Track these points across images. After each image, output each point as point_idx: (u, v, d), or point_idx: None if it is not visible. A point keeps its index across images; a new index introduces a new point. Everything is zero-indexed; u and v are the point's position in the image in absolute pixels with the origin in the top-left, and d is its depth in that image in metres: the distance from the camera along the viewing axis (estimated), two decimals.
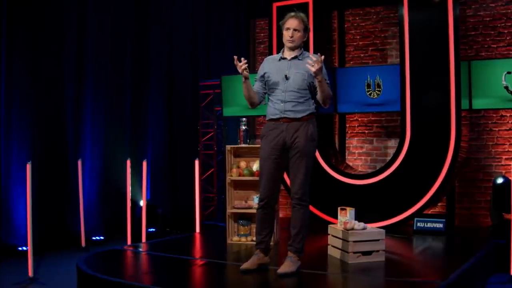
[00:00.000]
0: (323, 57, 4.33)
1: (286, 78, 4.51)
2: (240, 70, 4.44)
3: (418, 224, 6.69)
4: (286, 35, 4.54)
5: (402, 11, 6.86)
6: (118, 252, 5.72)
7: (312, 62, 4.30)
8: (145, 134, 9.46)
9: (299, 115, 4.48)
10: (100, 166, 8.49)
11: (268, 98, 4.65)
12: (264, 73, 4.64)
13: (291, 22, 4.53)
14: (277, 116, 4.52)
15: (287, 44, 4.56)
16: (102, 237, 8.35)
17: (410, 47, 6.82)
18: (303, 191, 4.50)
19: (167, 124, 9.76)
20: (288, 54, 4.61)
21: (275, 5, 7.67)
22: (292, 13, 4.57)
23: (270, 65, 4.65)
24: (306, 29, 4.59)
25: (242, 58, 4.47)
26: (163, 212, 9.07)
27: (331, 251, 5.33)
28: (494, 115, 7.29)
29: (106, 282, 4.48)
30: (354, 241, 4.96)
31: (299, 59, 4.57)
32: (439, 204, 7.29)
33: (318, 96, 4.52)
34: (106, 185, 8.50)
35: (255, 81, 4.71)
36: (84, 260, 5.12)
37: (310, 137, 4.49)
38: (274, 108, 4.55)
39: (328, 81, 4.51)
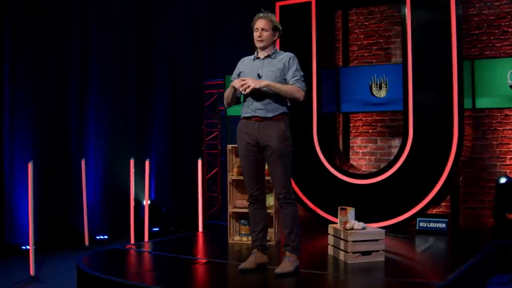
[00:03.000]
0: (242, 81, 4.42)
1: (259, 76, 4.54)
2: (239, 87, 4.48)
3: (421, 224, 6.65)
4: (255, 35, 4.59)
5: (404, 10, 6.83)
6: (119, 251, 5.73)
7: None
8: (149, 133, 9.47)
9: (270, 114, 4.50)
10: (104, 166, 8.51)
11: (243, 98, 4.68)
12: (239, 73, 4.69)
13: (259, 22, 4.58)
14: (249, 115, 4.56)
15: (257, 44, 4.61)
16: (106, 236, 8.37)
17: (412, 46, 6.79)
18: (286, 190, 4.52)
19: (171, 124, 9.75)
20: (261, 54, 4.65)
21: (278, 4, 7.68)
22: (260, 14, 4.62)
23: (245, 65, 4.71)
24: (275, 29, 4.61)
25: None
26: (167, 211, 9.08)
27: (331, 251, 5.32)
28: (499, 114, 7.25)
29: (105, 281, 4.48)
30: (353, 241, 4.95)
31: (272, 58, 4.61)
32: (444, 204, 7.25)
33: None
34: (110, 184, 8.51)
35: (232, 80, 4.71)
36: (84, 259, 5.13)
37: (282, 136, 4.49)
38: (247, 106, 4.59)
39: (297, 75, 4.52)
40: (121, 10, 8.89)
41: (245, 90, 4.41)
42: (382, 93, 7.46)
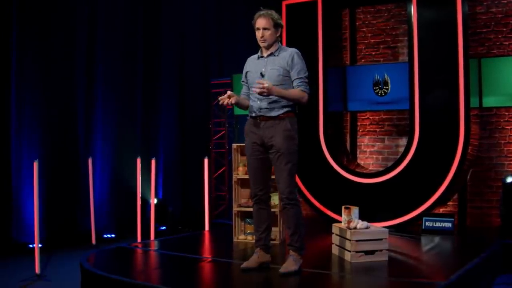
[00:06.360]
0: (263, 84, 4.29)
1: (262, 75, 4.52)
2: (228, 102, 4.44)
3: (427, 223, 6.61)
4: (258, 35, 4.54)
5: (410, 8, 6.79)
6: (124, 249, 5.74)
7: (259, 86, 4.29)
8: (157, 132, 9.49)
9: (274, 113, 4.49)
10: (111, 165, 8.54)
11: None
12: (246, 73, 4.69)
13: (259, 22, 4.51)
14: (254, 114, 4.56)
15: (260, 44, 4.58)
16: (113, 235, 8.40)
17: (419, 45, 6.75)
18: (289, 189, 4.50)
19: (178, 123, 9.78)
20: (265, 52, 4.62)
21: (284, 3, 7.66)
22: (261, 12, 4.54)
23: (250, 65, 4.70)
24: (276, 25, 4.55)
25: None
26: (174, 210, 9.10)
27: (335, 250, 5.31)
28: (506, 113, 7.18)
29: (108, 280, 4.50)
30: (356, 240, 4.93)
31: (275, 55, 4.57)
32: (451, 203, 7.21)
33: None
34: (117, 183, 8.54)
35: (242, 83, 4.75)
36: (88, 258, 5.15)
37: (287, 135, 4.47)
38: (252, 106, 4.59)
39: (301, 77, 4.48)
40: (127, 11, 8.91)
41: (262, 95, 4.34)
42: (385, 92, 7.43)
